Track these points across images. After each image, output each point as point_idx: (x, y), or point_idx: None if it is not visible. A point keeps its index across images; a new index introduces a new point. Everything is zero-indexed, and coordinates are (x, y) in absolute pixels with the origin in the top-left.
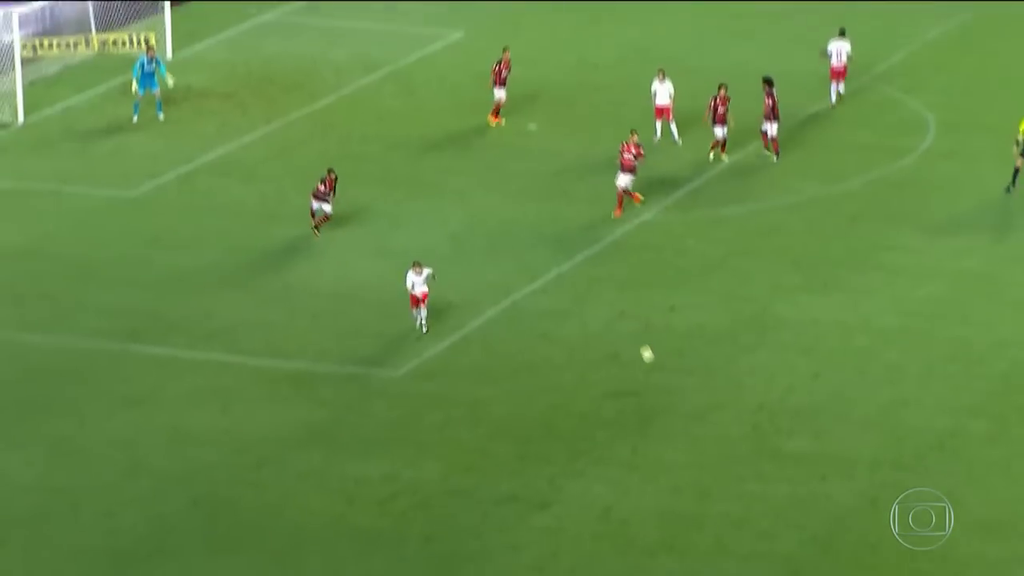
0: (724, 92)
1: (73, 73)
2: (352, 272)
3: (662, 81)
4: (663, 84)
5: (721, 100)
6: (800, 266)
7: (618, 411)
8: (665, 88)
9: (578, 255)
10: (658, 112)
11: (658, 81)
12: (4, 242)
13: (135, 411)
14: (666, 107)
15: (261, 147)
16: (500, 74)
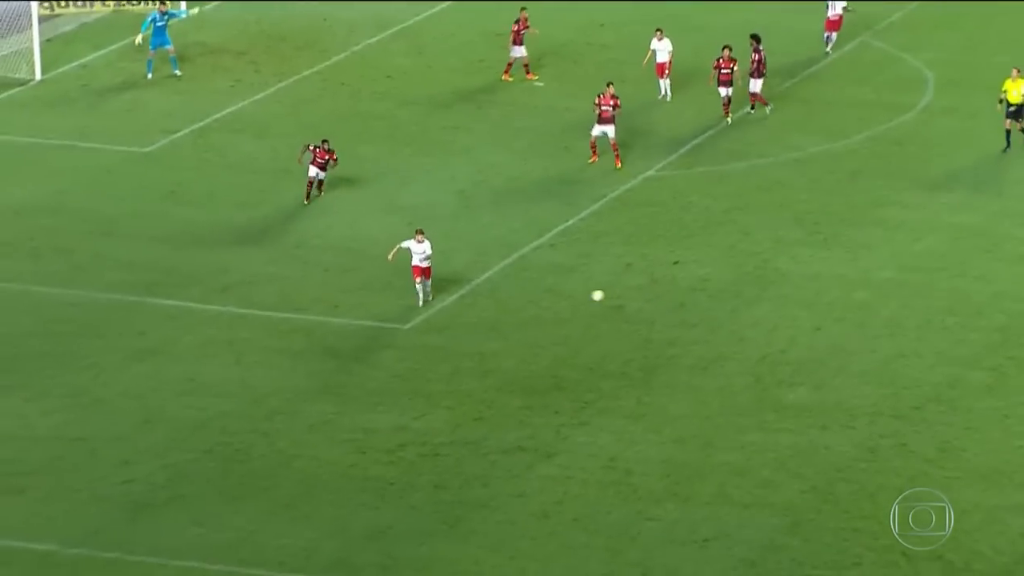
0: (728, 53)
1: (89, 31)
2: (362, 228)
3: (660, 40)
4: (661, 42)
5: (725, 61)
6: (801, 221)
7: (623, 363)
8: (664, 46)
9: (584, 210)
10: (659, 70)
11: (656, 40)
12: (22, 197)
13: (150, 362)
14: (664, 63)
15: (273, 104)
16: (518, 33)
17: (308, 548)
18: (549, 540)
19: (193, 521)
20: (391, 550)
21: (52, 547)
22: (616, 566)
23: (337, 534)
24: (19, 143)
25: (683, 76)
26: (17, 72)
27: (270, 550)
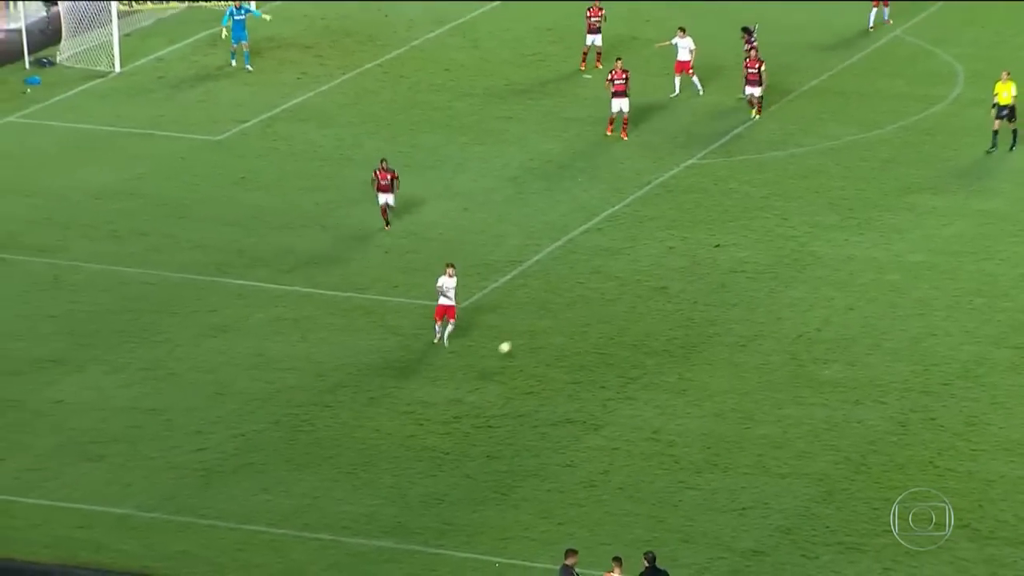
0: (755, 54)
1: (165, 26)
2: (420, 212)
3: (682, 38)
4: (683, 40)
5: (751, 61)
6: (836, 207)
7: (666, 340)
8: (685, 44)
9: (629, 196)
10: (678, 67)
11: (679, 38)
12: (103, 182)
13: (221, 338)
14: (687, 63)
15: (337, 95)
16: (591, 21)
17: (368, 514)
18: (596, 507)
19: (261, 488)
20: (447, 516)
21: (129, 511)
22: (659, 532)
23: (396, 500)
24: (99, 131)
25: (725, 70)
26: (98, 65)
27: (333, 515)
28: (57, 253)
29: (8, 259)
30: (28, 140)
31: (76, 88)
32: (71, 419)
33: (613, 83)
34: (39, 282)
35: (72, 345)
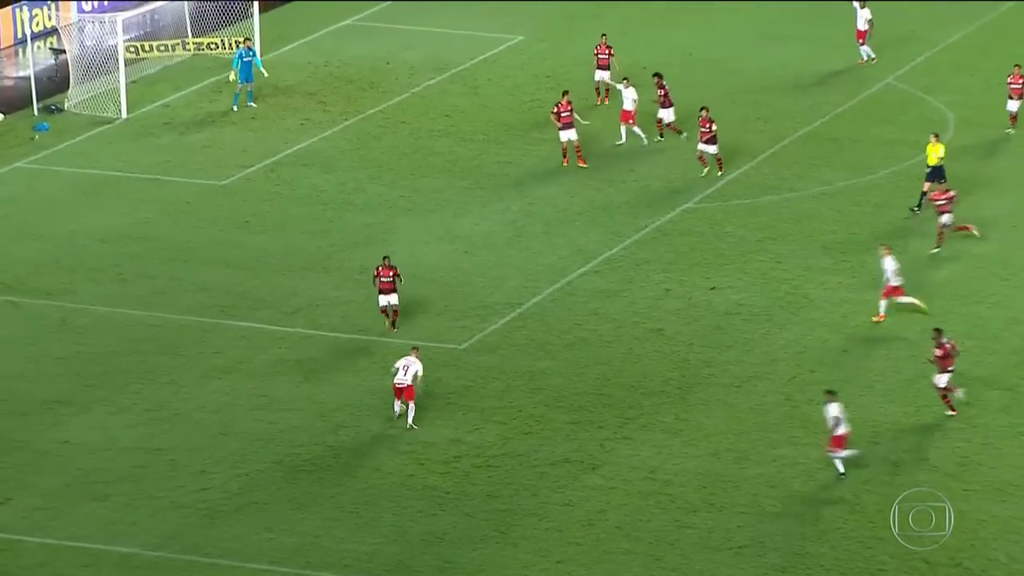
0: (707, 114)
1: (171, 73)
2: (421, 255)
3: (627, 87)
4: (627, 91)
5: (702, 121)
6: (830, 250)
7: (663, 381)
8: (629, 94)
9: (626, 239)
10: (622, 116)
11: (623, 87)
12: (109, 226)
13: (225, 379)
14: (630, 112)
15: (340, 140)
16: (599, 57)
17: (370, 552)
18: (594, 546)
19: (264, 527)
20: (447, 554)
21: (134, 550)
22: (656, 571)
23: (397, 539)
24: (106, 176)
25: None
26: (105, 111)
27: (335, 554)
28: (64, 296)
29: (16, 302)
30: (36, 185)
31: (83, 134)
32: (77, 459)
33: (560, 116)
34: (46, 324)
35: (79, 386)
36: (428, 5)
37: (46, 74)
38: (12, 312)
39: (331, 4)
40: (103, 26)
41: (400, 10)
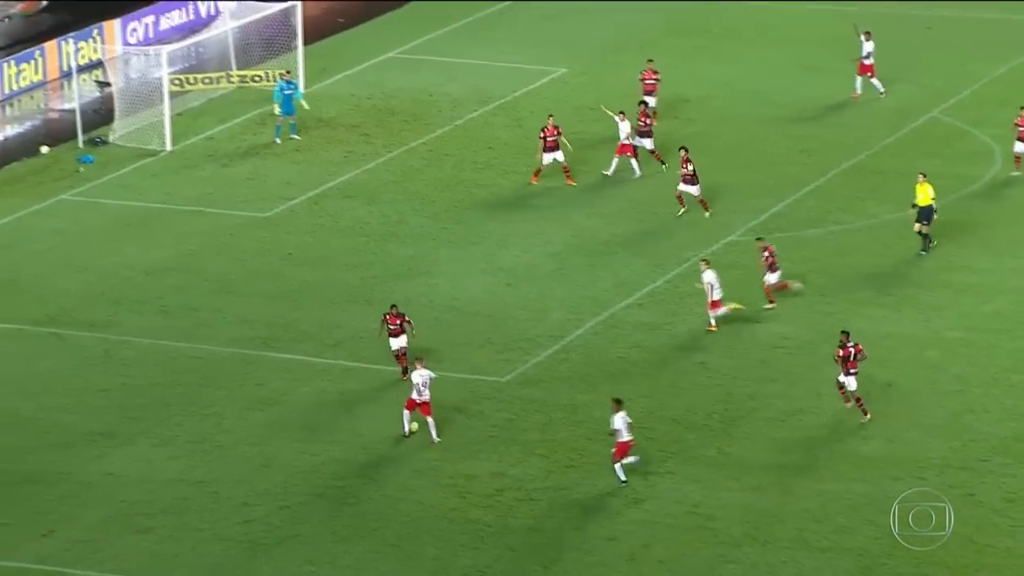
0: (685, 154)
1: (215, 105)
2: (464, 287)
3: (622, 120)
4: (623, 123)
5: (683, 161)
6: (875, 284)
7: (706, 415)
8: (624, 127)
9: (670, 272)
10: (620, 149)
11: (619, 119)
12: (153, 258)
13: (268, 411)
14: (627, 146)
15: (383, 172)
16: (645, 82)
17: None
18: None
19: (306, 559)
20: None
21: None
22: None
23: (439, 573)
24: (150, 209)
25: (763, 148)
26: (150, 143)
27: None
28: (108, 328)
29: (60, 334)
30: (81, 217)
31: (128, 166)
32: (120, 491)
33: (546, 140)
34: (90, 356)
35: (122, 418)
36: (471, 38)
37: (91, 107)
38: (56, 344)
39: (374, 36)
40: (148, 59)
41: (443, 42)
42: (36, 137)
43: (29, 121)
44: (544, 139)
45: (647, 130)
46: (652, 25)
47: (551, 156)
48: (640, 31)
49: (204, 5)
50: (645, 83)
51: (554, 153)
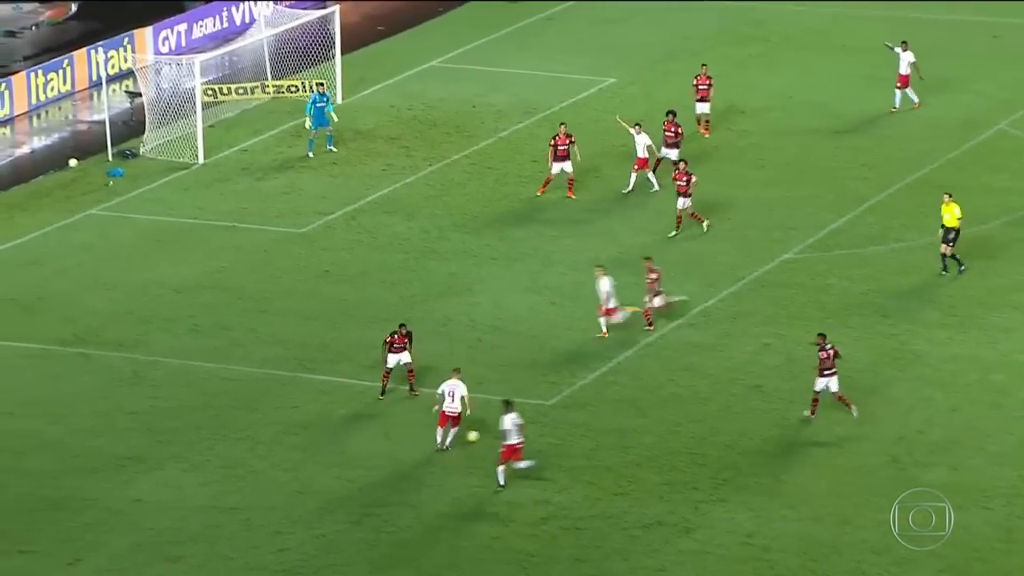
0: (684, 167)
1: (249, 116)
2: (507, 306)
3: (639, 133)
4: (640, 136)
5: (679, 174)
6: (939, 304)
7: (761, 441)
8: (641, 140)
9: (723, 291)
10: (639, 163)
11: (636, 132)
12: (184, 275)
13: (303, 435)
14: (643, 160)
15: (423, 187)
16: (699, 88)
17: None
18: None
19: None
20: None
21: None
22: None
23: None
24: (182, 224)
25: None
26: (182, 156)
27: None
28: (137, 348)
29: (88, 354)
30: (110, 232)
31: (159, 180)
32: (149, 518)
33: (556, 148)
34: (118, 377)
35: (151, 442)
36: (517, 46)
37: (121, 118)
38: (84, 364)
39: (415, 45)
40: (180, 68)
41: (487, 51)
42: (64, 150)
43: (57, 133)
44: (555, 147)
45: (675, 141)
46: (705, 32)
47: (560, 166)
48: (692, 38)
49: (238, 12)
50: (698, 88)
51: (563, 163)
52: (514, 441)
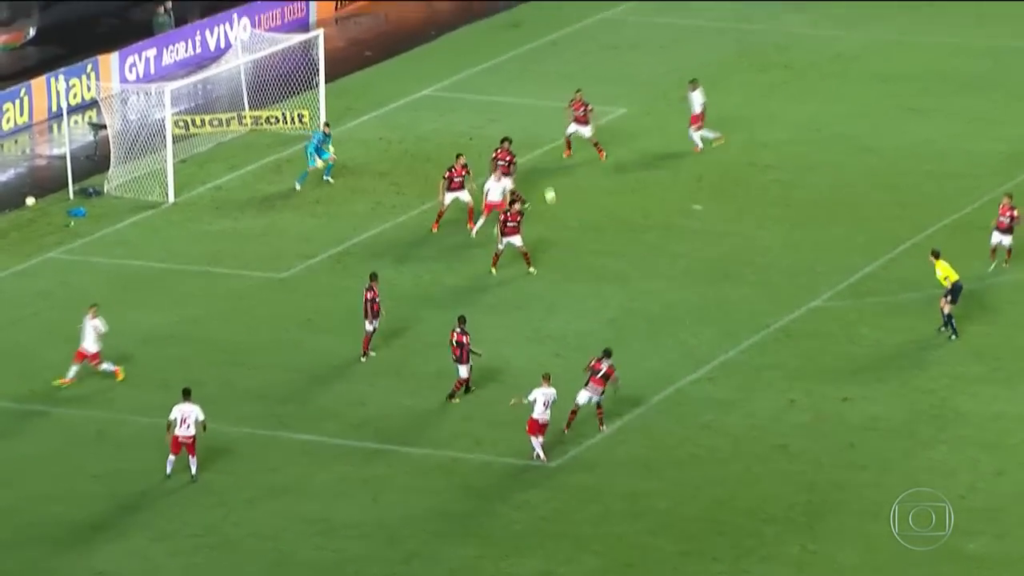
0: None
1: (225, 151)
2: (507, 358)
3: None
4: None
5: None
6: (982, 356)
7: (787, 507)
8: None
9: (744, 341)
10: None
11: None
12: (152, 325)
13: (283, 500)
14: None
15: (415, 227)
16: (575, 113)
17: None
18: None
19: None
20: None
21: None
22: None
23: None
24: (150, 269)
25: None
26: (150, 194)
27: None
28: (101, 405)
29: (47, 412)
30: (71, 278)
31: (125, 220)
32: None
33: (451, 180)
34: (80, 437)
35: (115, 508)
36: (517, 73)
37: (84, 152)
38: (43, 423)
39: (406, 73)
40: (149, 98)
41: (484, 79)
42: (21, 187)
43: (13, 169)
44: (450, 179)
45: (584, 117)
46: (723, 58)
47: (454, 195)
48: (709, 65)
49: (213, 37)
50: (575, 114)
51: (458, 193)
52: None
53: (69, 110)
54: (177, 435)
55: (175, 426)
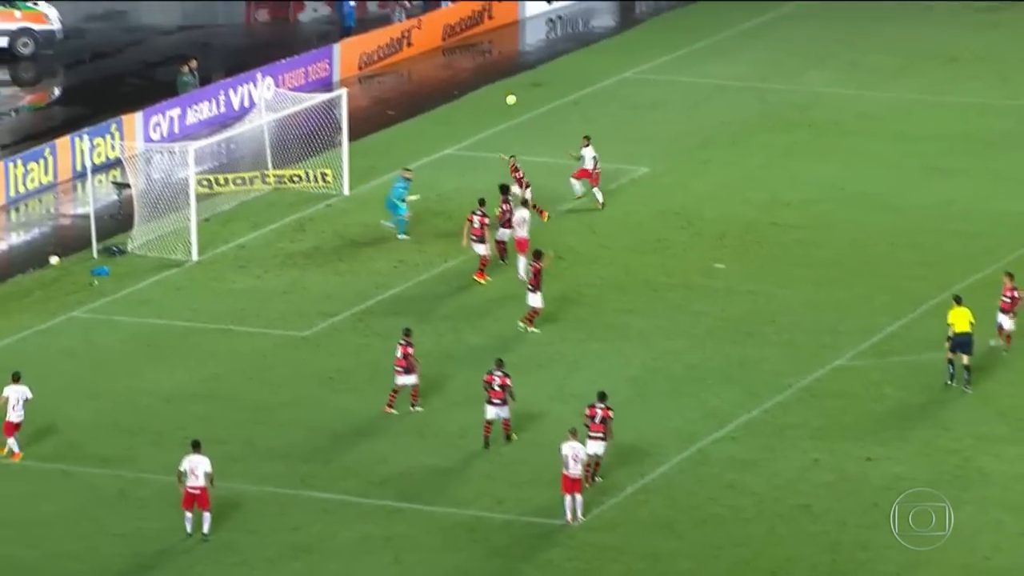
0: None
1: (248, 209)
2: (529, 416)
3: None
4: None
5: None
6: (1007, 416)
7: (810, 567)
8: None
9: (767, 401)
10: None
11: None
12: (174, 383)
13: (304, 560)
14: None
15: (437, 285)
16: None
17: None
18: None
19: None
20: None
21: None
22: None
23: None
24: (173, 327)
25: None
26: (173, 253)
27: None
28: (123, 464)
29: (69, 471)
30: (94, 337)
31: (148, 279)
32: None
33: (473, 228)
34: (102, 496)
35: (137, 567)
36: (538, 132)
37: (108, 211)
38: (64, 482)
39: (429, 131)
40: (173, 157)
41: (506, 138)
42: (45, 246)
43: (37, 228)
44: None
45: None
46: (745, 117)
47: (480, 248)
48: (731, 123)
49: (237, 96)
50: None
51: (480, 246)
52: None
53: (93, 169)
54: (187, 487)
55: (185, 477)
